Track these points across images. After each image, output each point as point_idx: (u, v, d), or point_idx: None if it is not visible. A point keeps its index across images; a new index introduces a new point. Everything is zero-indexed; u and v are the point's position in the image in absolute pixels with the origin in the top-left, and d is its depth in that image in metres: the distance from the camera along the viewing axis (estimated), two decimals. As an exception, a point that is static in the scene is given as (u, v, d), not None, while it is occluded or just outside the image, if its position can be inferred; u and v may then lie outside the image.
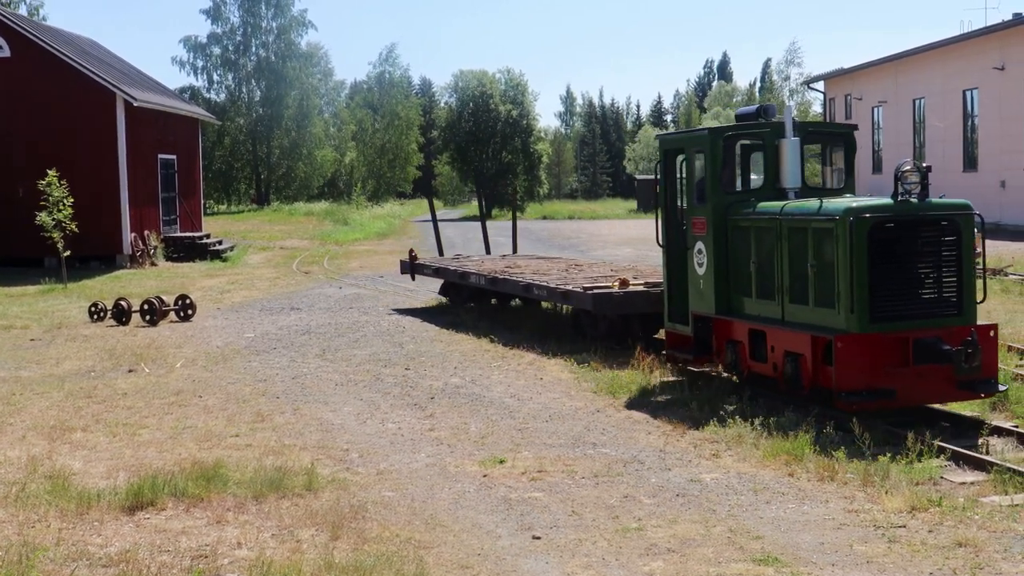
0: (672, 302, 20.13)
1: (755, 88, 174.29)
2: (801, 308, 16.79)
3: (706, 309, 18.82)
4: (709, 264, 18.65)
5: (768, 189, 18.66)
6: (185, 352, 23.99)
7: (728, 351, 18.40)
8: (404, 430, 16.56)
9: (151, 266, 46.42)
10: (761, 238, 17.77)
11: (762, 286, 17.71)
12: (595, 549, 11.10)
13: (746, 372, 18.12)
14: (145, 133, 49.24)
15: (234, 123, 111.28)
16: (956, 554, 10.69)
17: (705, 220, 18.73)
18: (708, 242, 18.67)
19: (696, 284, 19.05)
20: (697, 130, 19.67)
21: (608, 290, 23.13)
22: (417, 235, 70.41)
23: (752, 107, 19.55)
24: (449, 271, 31.15)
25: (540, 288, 25.44)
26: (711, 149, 18.62)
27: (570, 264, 31.28)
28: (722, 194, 18.63)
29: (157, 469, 13.95)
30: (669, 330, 20.39)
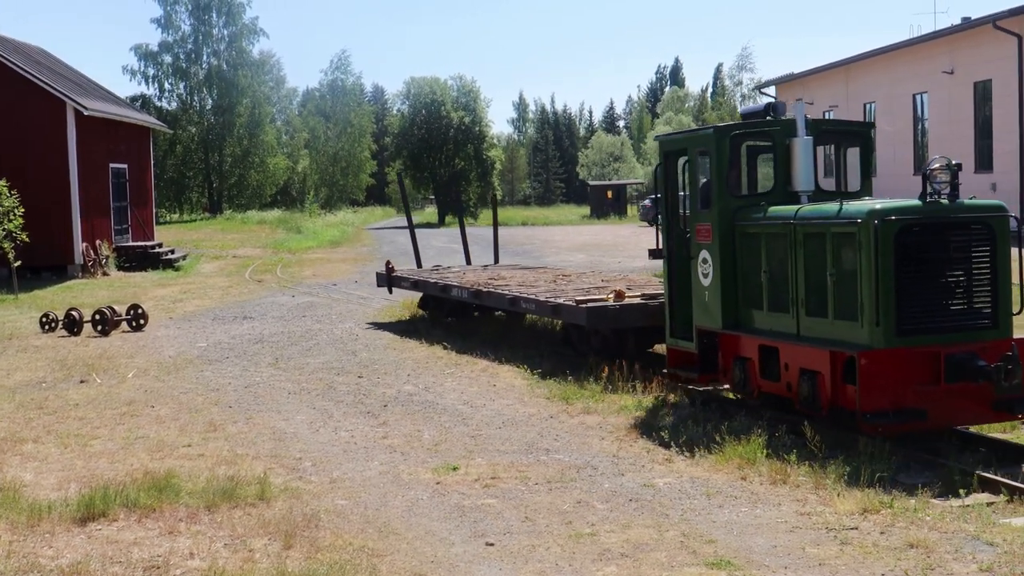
0: (674, 316, 18.70)
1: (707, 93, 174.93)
2: (819, 321, 15.43)
3: (712, 323, 17.45)
4: (715, 274, 17.28)
5: (778, 192, 17.34)
6: (137, 362, 23.88)
7: (736, 369, 16.93)
8: (357, 438, 16.53)
9: (103, 276, 46.15)
10: (773, 245, 16.40)
11: (774, 298, 16.34)
12: (548, 555, 11.10)
13: (756, 391, 16.61)
14: (96, 142, 48.98)
15: (186, 131, 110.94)
16: (908, 555, 10.74)
17: (710, 227, 17.37)
18: (714, 250, 17.30)
19: (701, 296, 17.69)
20: (701, 129, 18.22)
21: (603, 303, 21.47)
22: (371, 243, 70.39)
23: (759, 104, 18.22)
24: (429, 284, 29.23)
25: (528, 301, 23.76)
26: (717, 149, 17.23)
27: (557, 275, 29.44)
28: (729, 198, 17.30)
29: (109, 480, 13.87)
30: (671, 347, 18.85)
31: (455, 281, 28.10)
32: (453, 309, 29.28)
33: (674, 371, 18.74)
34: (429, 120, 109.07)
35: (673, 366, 18.77)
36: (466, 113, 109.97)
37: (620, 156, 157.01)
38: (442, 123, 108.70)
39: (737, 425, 15.75)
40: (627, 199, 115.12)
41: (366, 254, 60.06)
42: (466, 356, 23.65)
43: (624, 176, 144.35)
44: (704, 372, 17.95)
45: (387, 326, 29.10)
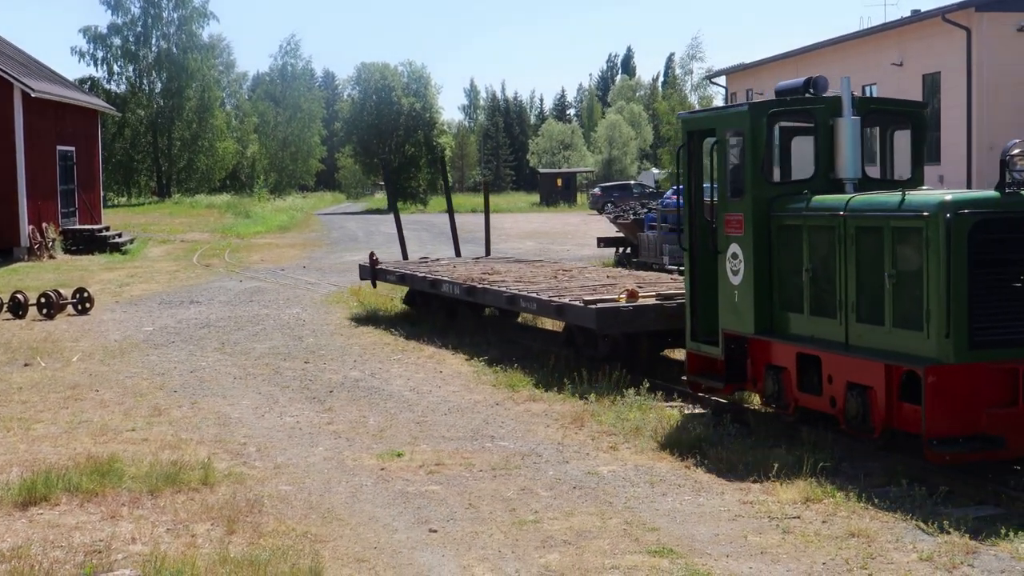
0: (697, 318, 16.62)
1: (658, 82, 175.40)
2: (873, 329, 13.59)
3: (741, 327, 15.51)
4: (747, 272, 15.32)
5: (820, 180, 15.32)
6: (82, 346, 23.75)
7: (769, 379, 15.11)
8: (302, 424, 16.50)
9: (49, 259, 45.88)
10: (817, 240, 14.50)
11: (818, 300, 14.49)
12: (491, 542, 11.12)
13: (792, 406, 14.79)
14: (43, 124, 48.64)
15: (134, 114, 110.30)
16: (849, 544, 10.81)
17: (742, 217, 15.40)
18: (746, 244, 15.32)
19: (729, 296, 15.70)
20: (734, 106, 16.32)
21: (614, 304, 19.29)
22: (320, 228, 70.39)
23: (798, 79, 15.99)
24: (417, 278, 26.65)
25: (528, 300, 21.45)
26: (752, 130, 15.20)
27: (557, 269, 27.03)
28: (765, 185, 15.31)
29: (51, 464, 13.80)
30: (692, 352, 16.78)
31: (446, 276, 25.79)
32: (443, 305, 26.63)
33: (695, 379, 16.83)
34: (379, 106, 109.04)
35: (694, 373, 16.83)
36: (416, 99, 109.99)
37: (570, 144, 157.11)
38: (392, 109, 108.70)
39: (682, 415, 15.78)
40: (577, 187, 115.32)
41: (315, 239, 60.01)
42: (413, 342, 23.65)
43: (574, 164, 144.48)
44: (731, 381, 16.01)
45: (334, 311, 29.04)
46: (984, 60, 48.85)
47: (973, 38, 50.89)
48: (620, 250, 41.44)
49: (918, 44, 55.63)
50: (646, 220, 38.91)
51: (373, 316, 27.64)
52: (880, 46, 59.42)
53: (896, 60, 56.76)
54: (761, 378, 15.33)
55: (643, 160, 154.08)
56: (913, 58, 55.61)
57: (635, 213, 42.35)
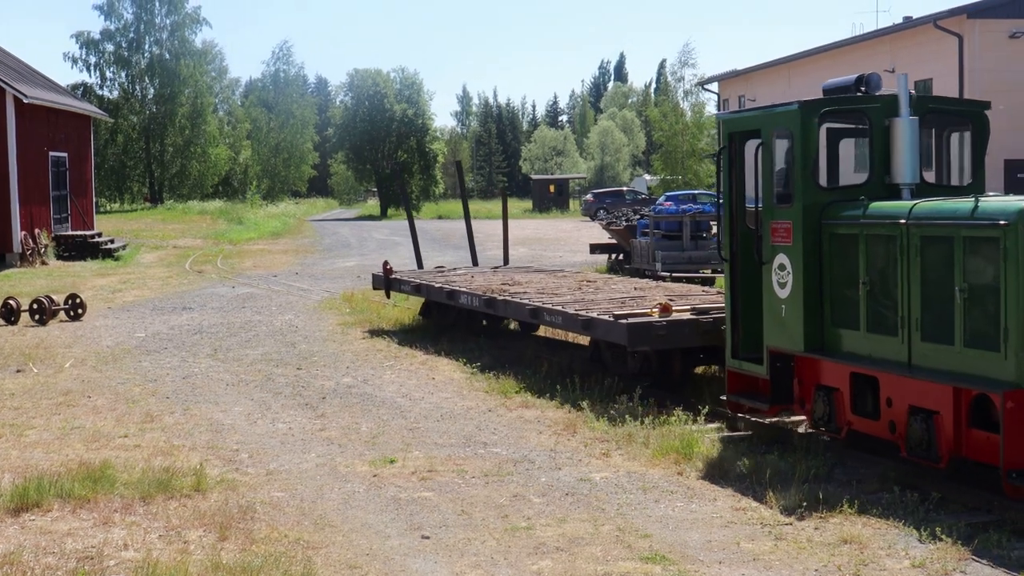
0: (738, 334, 15.55)
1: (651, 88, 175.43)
2: (940, 349, 12.47)
3: (789, 344, 14.40)
4: (796, 284, 14.22)
5: (875, 185, 14.31)
6: (75, 352, 23.73)
7: (819, 400, 14.07)
8: (295, 430, 16.49)
9: (42, 265, 45.84)
10: (876, 250, 13.41)
11: (876, 316, 13.40)
12: (484, 548, 11.11)
13: (845, 430, 13.81)
14: (36, 130, 48.63)
15: (127, 120, 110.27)
16: (841, 551, 10.82)
17: (790, 225, 14.31)
18: (795, 254, 14.22)
19: (775, 310, 14.62)
20: (781, 105, 14.79)
21: (647, 319, 18.04)
22: (312, 235, 70.34)
23: (848, 77, 14.90)
24: (433, 289, 25.49)
25: (553, 314, 20.25)
26: (803, 130, 14.12)
27: (581, 280, 25.61)
28: (816, 191, 14.22)
29: (43, 470, 13.78)
30: (734, 370, 15.63)
31: (463, 286, 24.63)
32: (460, 317, 25.83)
33: (736, 399, 15.56)
34: (372, 112, 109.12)
35: (734, 392, 15.62)
36: (409, 105, 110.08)
37: (563, 151, 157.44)
38: (385, 115, 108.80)
39: (675, 420, 15.77)
40: (569, 193, 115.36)
41: (307, 245, 59.99)
42: (406, 349, 23.64)
43: (567, 170, 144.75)
44: (776, 402, 14.92)
45: (327, 317, 29.03)
46: (976, 66, 48.98)
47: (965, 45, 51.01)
48: (612, 256, 41.49)
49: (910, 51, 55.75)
50: (639, 226, 38.95)
51: (365, 322, 27.62)
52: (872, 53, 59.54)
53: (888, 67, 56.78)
54: (810, 399, 14.30)
55: (636, 166, 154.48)
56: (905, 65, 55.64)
57: (628, 219, 42.38)
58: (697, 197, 69.53)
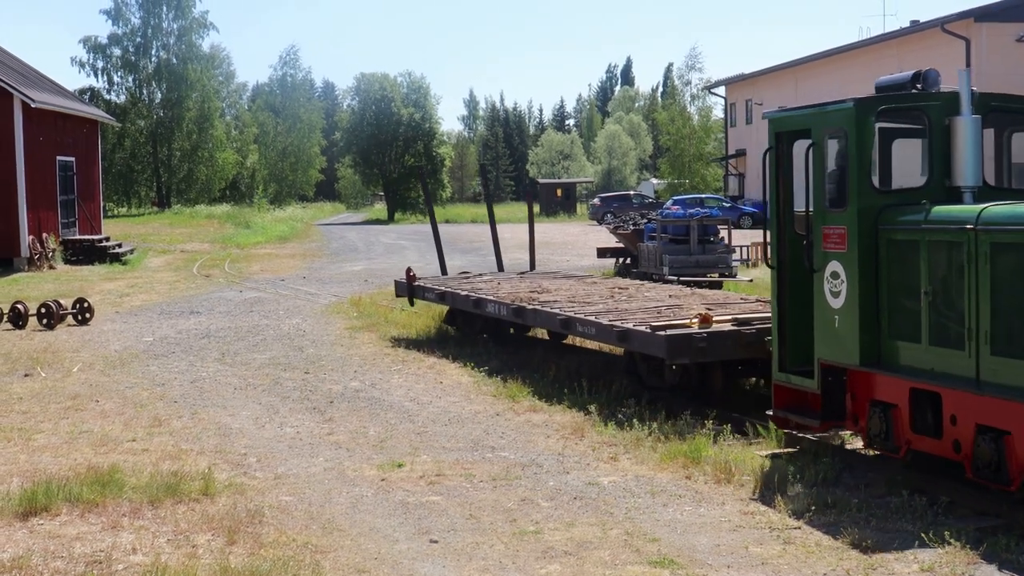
0: (786, 345, 14.70)
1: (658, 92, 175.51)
2: (1013, 364, 11.56)
3: (844, 357, 13.53)
4: (851, 293, 13.35)
5: (934, 188, 13.42)
6: (82, 356, 23.75)
7: (875, 417, 13.22)
8: (303, 434, 16.49)
9: (49, 269, 45.88)
10: (939, 257, 12.57)
11: (939, 327, 12.53)
12: (492, 552, 11.11)
13: (904, 449, 12.98)
14: (43, 135, 48.66)
15: (134, 125, 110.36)
16: (850, 555, 10.80)
17: (844, 231, 13.45)
18: (849, 262, 13.37)
19: (827, 321, 13.75)
20: (835, 103, 13.93)
21: (686, 330, 17.07)
22: (320, 239, 70.37)
23: (903, 73, 14.20)
24: (459, 297, 24.67)
25: (586, 324, 19.29)
26: (858, 129, 13.28)
27: (613, 287, 24.59)
28: (872, 194, 13.37)
29: (52, 474, 13.80)
30: (781, 384, 14.75)
31: (490, 294, 23.87)
32: (487, 325, 25.06)
33: (784, 414, 14.73)
34: (379, 116, 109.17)
35: (781, 407, 14.76)
36: (416, 110, 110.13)
37: (570, 154, 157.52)
38: (392, 119, 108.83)
39: (683, 424, 15.78)
40: (576, 197, 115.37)
41: (315, 250, 60.01)
42: (414, 352, 23.65)
43: (574, 174, 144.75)
44: (827, 418, 14.08)
45: (334, 321, 29.03)
46: (984, 70, 48.98)
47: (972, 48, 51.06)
48: (620, 260, 41.44)
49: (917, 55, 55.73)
50: (646, 230, 38.90)
51: (373, 326, 27.61)
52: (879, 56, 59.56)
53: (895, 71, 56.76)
54: (864, 416, 13.45)
55: (643, 170, 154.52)
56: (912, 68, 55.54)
57: (635, 223, 42.34)
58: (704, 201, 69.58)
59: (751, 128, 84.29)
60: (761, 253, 45.28)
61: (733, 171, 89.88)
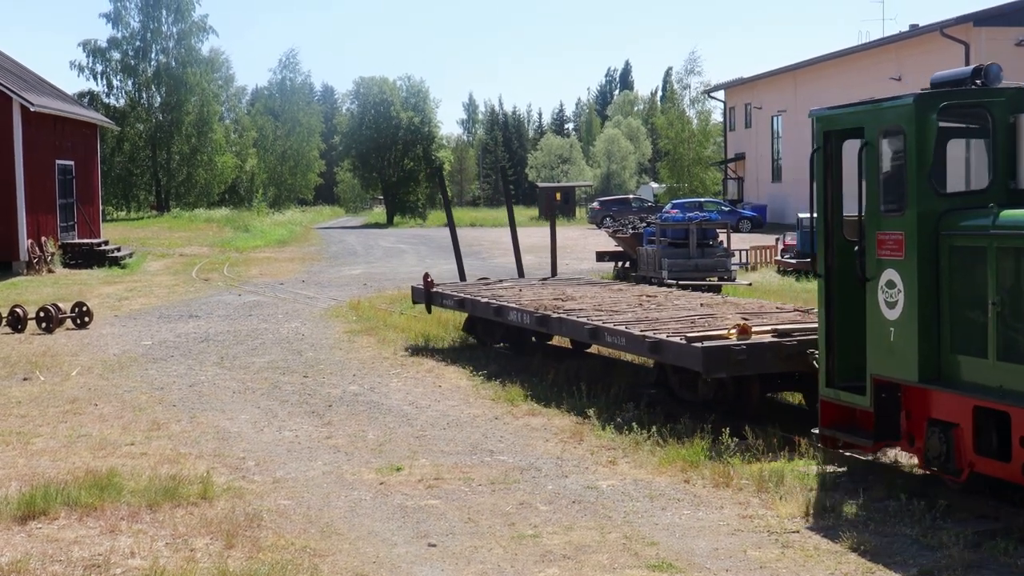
0: (834, 359, 13.73)
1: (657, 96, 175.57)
2: None
3: (900, 372, 12.54)
4: (908, 304, 12.37)
5: (998, 190, 12.38)
6: (81, 360, 23.75)
7: (933, 437, 12.25)
8: (301, 438, 16.49)
9: (48, 273, 45.85)
10: (1008, 265, 11.65)
11: (1008, 341, 11.58)
12: (490, 556, 11.11)
13: (966, 472, 12.03)
14: (42, 138, 48.64)
15: (134, 128, 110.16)
16: (848, 559, 10.81)
17: (902, 237, 12.48)
18: (907, 270, 12.39)
19: (882, 334, 12.77)
20: (891, 99, 13.00)
21: (723, 342, 16.16)
22: (319, 242, 70.38)
23: (963, 68, 13.09)
24: (479, 304, 23.67)
25: (616, 335, 18.34)
26: (918, 127, 12.32)
27: (641, 294, 23.65)
28: (933, 197, 12.36)
29: (50, 478, 13.79)
30: (829, 400, 13.75)
31: (511, 302, 22.84)
32: (508, 334, 24.30)
33: (832, 433, 13.71)
34: (378, 120, 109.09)
35: (829, 426, 13.75)
36: (415, 113, 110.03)
37: (569, 158, 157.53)
38: (391, 123, 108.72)
39: (681, 428, 15.77)
40: (576, 201, 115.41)
41: (313, 253, 60.01)
42: (412, 356, 23.65)
43: (573, 178, 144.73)
44: (880, 438, 13.13)
45: (333, 325, 29.03)
46: (983, 74, 48.95)
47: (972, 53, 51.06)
48: (619, 264, 41.49)
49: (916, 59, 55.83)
50: (645, 234, 38.96)
51: (372, 330, 27.61)
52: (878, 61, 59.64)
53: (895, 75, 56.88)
54: (920, 436, 12.49)
55: (642, 174, 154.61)
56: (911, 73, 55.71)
57: (634, 227, 42.39)
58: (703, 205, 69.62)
59: (750, 132, 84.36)
60: (760, 257, 45.37)
61: (732, 175, 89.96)
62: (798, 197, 69.13)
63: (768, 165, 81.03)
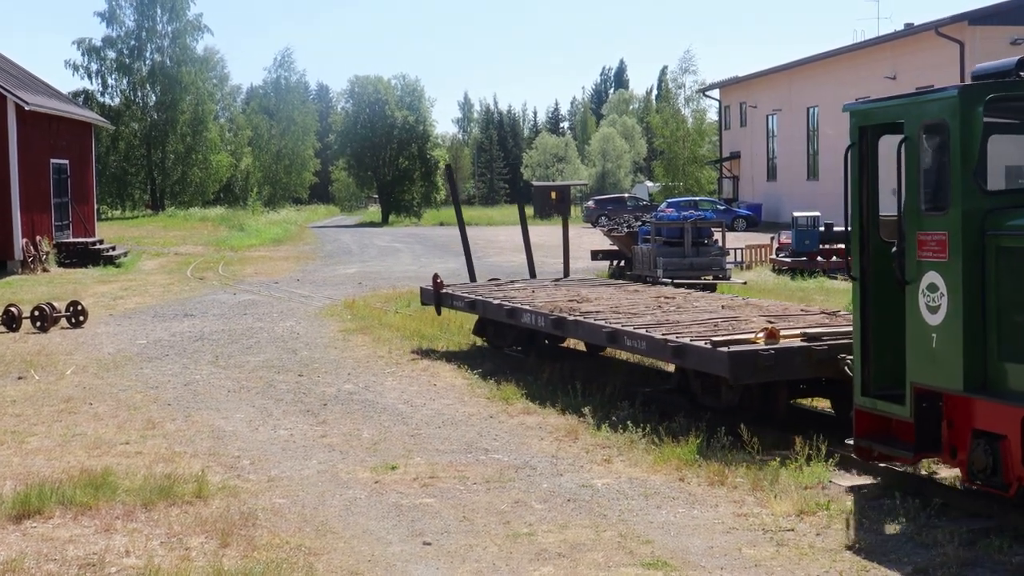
0: (869, 366, 12.96)
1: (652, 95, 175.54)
2: None
3: (943, 380, 11.74)
4: (952, 308, 11.58)
5: None
6: (76, 359, 23.72)
7: (978, 449, 11.48)
8: (296, 437, 16.48)
9: (43, 272, 45.83)
10: None
11: None
12: (485, 555, 11.11)
13: (1015, 487, 11.26)
14: (37, 137, 48.62)
15: (128, 128, 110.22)
16: (843, 557, 10.81)
17: (945, 237, 11.69)
18: (951, 272, 11.61)
19: (923, 340, 11.96)
20: (934, 91, 12.23)
21: (751, 346, 15.40)
22: (314, 241, 70.39)
23: (1007, 60, 12.22)
24: (491, 306, 22.84)
25: (636, 338, 17.55)
26: (963, 121, 11.52)
27: (658, 296, 22.75)
28: (978, 195, 11.58)
29: (45, 477, 13.78)
30: (864, 409, 12.99)
31: (525, 303, 21.98)
32: (520, 337, 23.53)
33: (867, 443, 12.99)
34: (373, 119, 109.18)
35: (864, 436, 13.01)
36: (410, 112, 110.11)
37: (564, 157, 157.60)
38: (386, 122, 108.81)
39: (676, 426, 15.77)
40: (571, 200, 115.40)
41: (308, 252, 60.01)
42: (407, 355, 23.63)
43: (568, 177, 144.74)
44: (921, 449, 12.24)
45: (328, 324, 29.02)
46: (977, 73, 48.98)
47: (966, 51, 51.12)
48: (614, 263, 41.52)
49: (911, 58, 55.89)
50: (640, 233, 39.00)
51: (367, 329, 27.60)
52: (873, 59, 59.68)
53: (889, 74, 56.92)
54: (964, 448, 11.70)
55: (637, 173, 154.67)
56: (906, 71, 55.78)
57: (629, 226, 42.44)
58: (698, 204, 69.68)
59: (745, 131, 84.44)
60: (755, 255, 45.41)
61: (727, 174, 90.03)
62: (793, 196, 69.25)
63: (763, 164, 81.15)
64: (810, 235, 41.82)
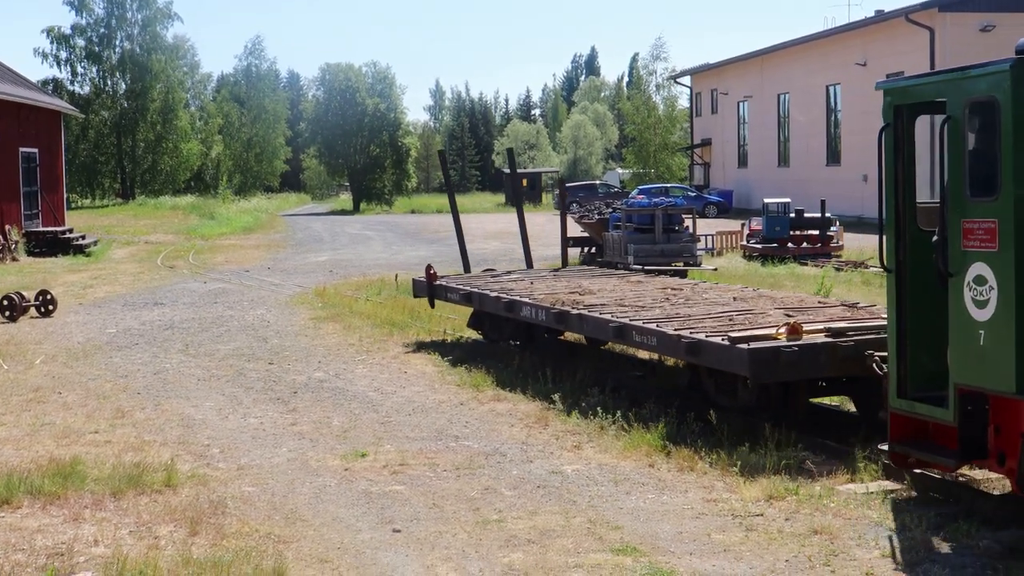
0: (906, 365, 12.00)
1: (623, 82, 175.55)
2: None
3: (993, 381, 10.70)
4: (1003, 302, 10.54)
5: None
6: (45, 348, 23.64)
7: None
8: (266, 425, 16.46)
9: (12, 261, 45.64)
10: None
11: None
12: (455, 541, 11.11)
13: None
14: (5, 126, 48.50)
15: (98, 116, 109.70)
16: (811, 541, 10.84)
17: (994, 225, 10.62)
18: (1002, 263, 10.56)
19: (969, 337, 10.93)
20: (982, 66, 10.99)
21: (773, 343, 14.38)
22: (284, 229, 70.32)
23: None
24: (488, 298, 21.74)
25: (646, 333, 16.46)
26: (1015, 98, 10.40)
27: (665, 288, 21.55)
28: None
29: (13, 467, 13.72)
30: (900, 412, 12.03)
31: (524, 296, 20.96)
32: (518, 330, 22.40)
33: (903, 449, 11.99)
34: (344, 107, 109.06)
35: (899, 441, 12.05)
36: (381, 100, 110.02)
37: (536, 144, 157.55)
38: (357, 110, 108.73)
39: (646, 413, 15.79)
40: (542, 187, 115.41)
41: (279, 240, 59.94)
42: (378, 343, 23.61)
43: (539, 164, 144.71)
44: (966, 456, 11.27)
45: (298, 312, 28.98)
46: (947, 60, 49.23)
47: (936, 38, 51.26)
48: (585, 250, 41.55)
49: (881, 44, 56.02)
50: (611, 220, 39.04)
51: (337, 317, 27.58)
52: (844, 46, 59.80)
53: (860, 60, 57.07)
54: (1014, 454, 10.71)
55: (608, 160, 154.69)
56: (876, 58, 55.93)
57: (600, 213, 42.48)
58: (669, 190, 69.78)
59: (716, 118, 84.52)
60: (726, 242, 45.50)
61: (698, 160, 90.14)
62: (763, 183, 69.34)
63: (734, 151, 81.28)
64: (780, 221, 42.01)
